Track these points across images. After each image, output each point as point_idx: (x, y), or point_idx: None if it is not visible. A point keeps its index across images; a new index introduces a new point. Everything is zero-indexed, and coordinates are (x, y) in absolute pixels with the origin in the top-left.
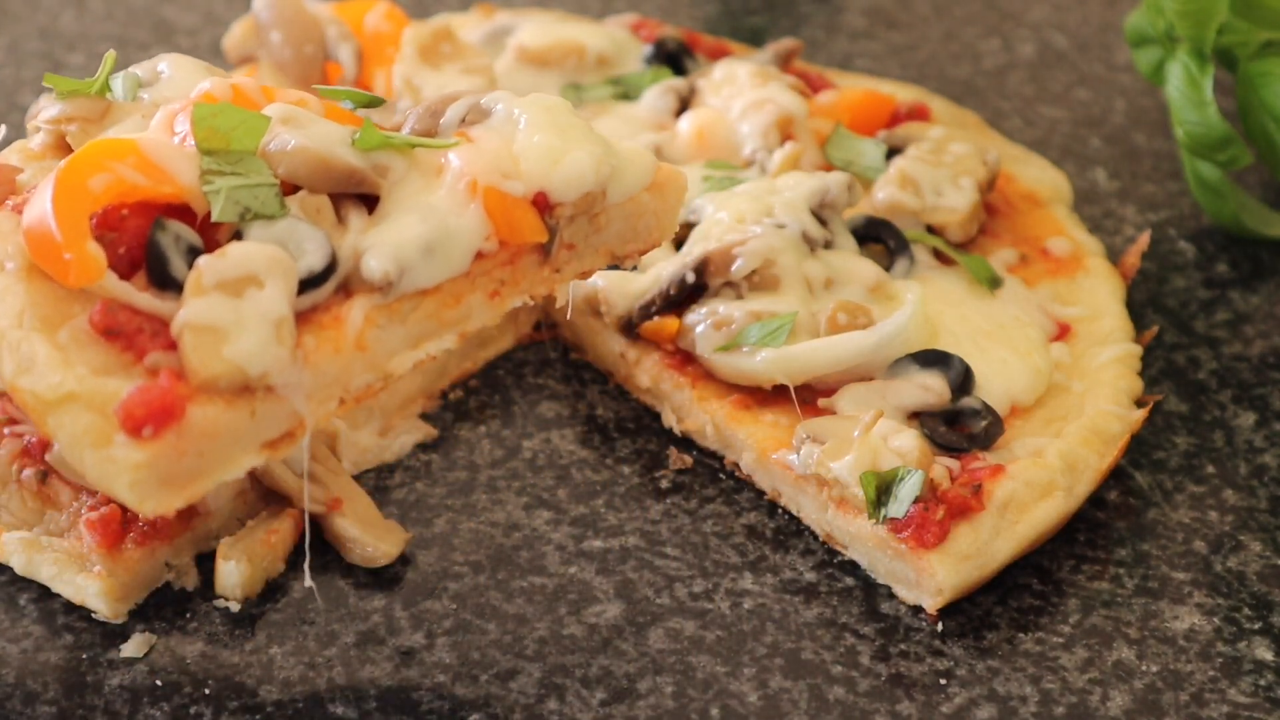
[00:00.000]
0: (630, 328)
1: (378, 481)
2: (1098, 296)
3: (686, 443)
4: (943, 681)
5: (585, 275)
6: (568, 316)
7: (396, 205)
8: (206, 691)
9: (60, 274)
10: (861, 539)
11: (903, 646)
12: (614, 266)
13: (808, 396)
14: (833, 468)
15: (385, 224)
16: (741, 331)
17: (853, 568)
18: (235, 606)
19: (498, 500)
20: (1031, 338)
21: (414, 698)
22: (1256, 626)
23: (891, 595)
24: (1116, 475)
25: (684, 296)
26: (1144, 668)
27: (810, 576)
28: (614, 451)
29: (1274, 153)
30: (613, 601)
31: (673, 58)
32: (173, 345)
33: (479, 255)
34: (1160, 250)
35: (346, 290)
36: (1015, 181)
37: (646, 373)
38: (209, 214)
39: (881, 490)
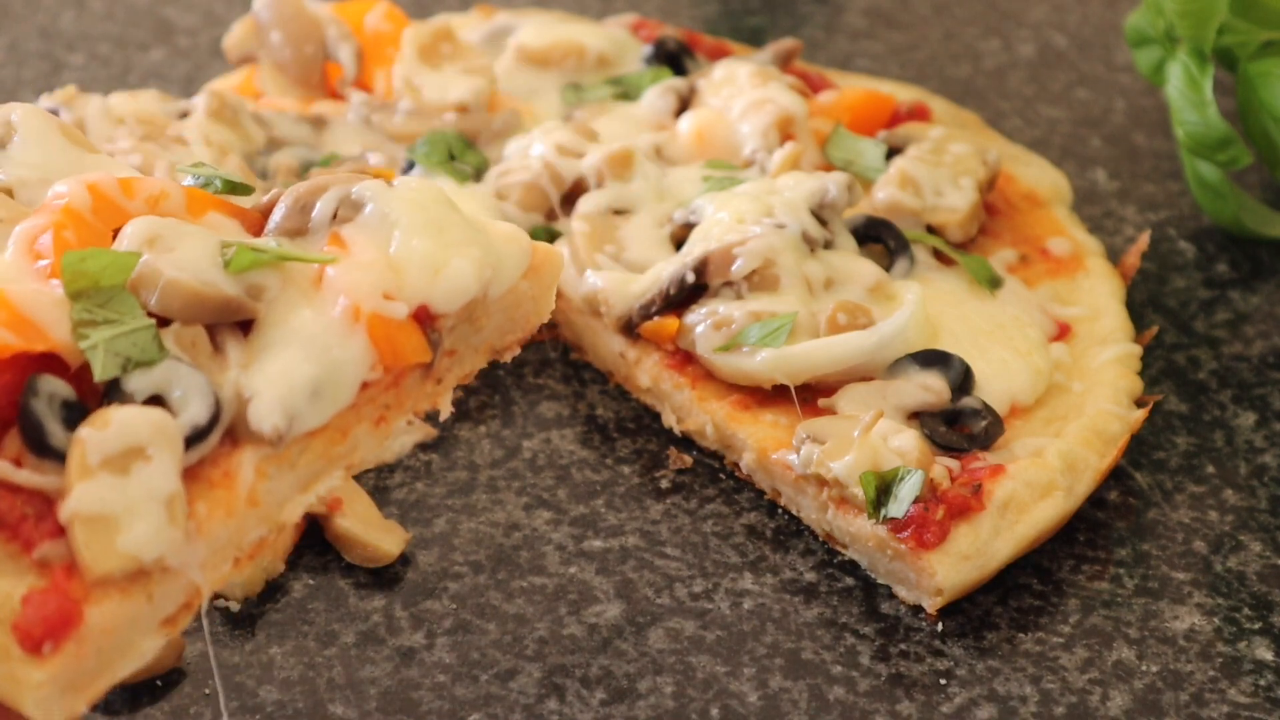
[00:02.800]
0: (630, 328)
1: (378, 481)
2: (1098, 296)
3: (686, 443)
4: (943, 681)
5: (466, 379)
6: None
7: (275, 329)
8: (206, 692)
9: None
10: (861, 539)
11: (903, 646)
12: (494, 362)
13: (808, 396)
14: (833, 468)
15: (267, 358)
16: (741, 331)
17: (853, 568)
18: (235, 606)
19: (498, 500)
20: (1031, 338)
21: (414, 698)
22: (1256, 626)
23: (891, 595)
24: (1116, 475)
25: (684, 296)
26: (1144, 668)
27: (810, 576)
28: (614, 451)
29: (1274, 153)
30: (613, 601)
31: (673, 58)
32: (60, 531)
33: (364, 385)
34: (1160, 250)
35: (233, 438)
36: (1015, 181)
37: (646, 373)
38: (84, 363)
39: (881, 490)
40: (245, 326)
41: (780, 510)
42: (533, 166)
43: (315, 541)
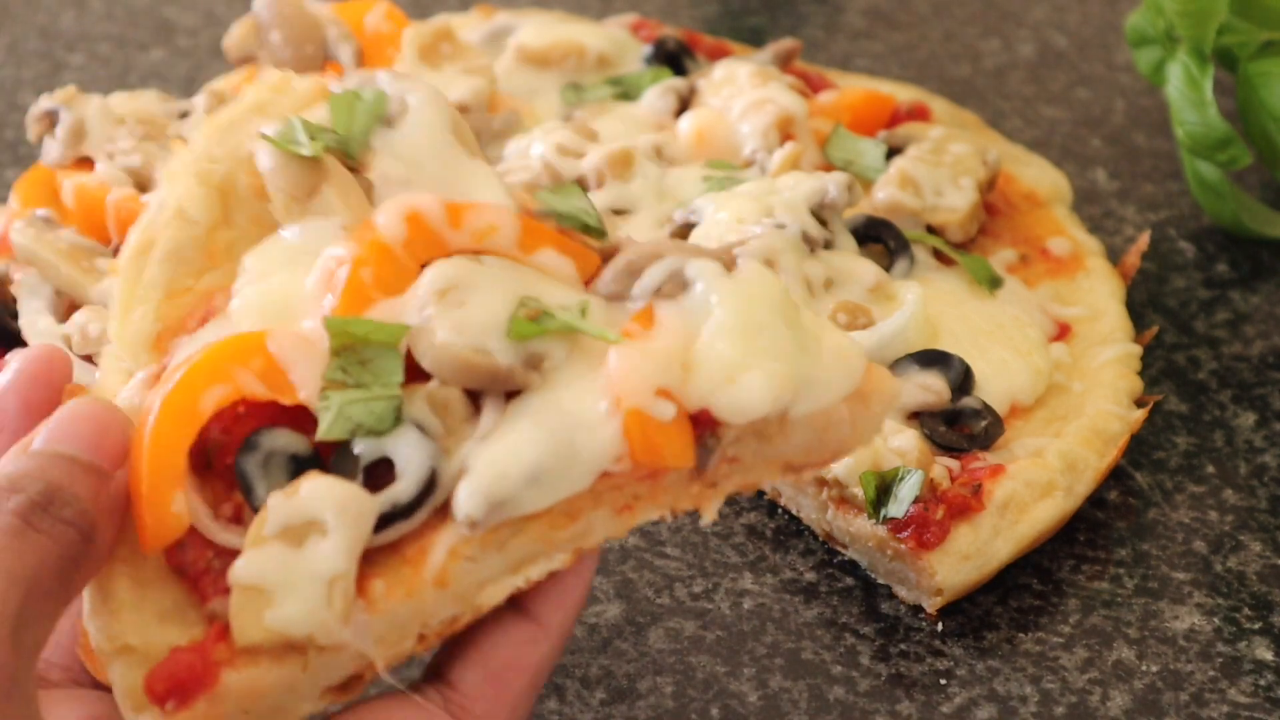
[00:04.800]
0: None
1: None
2: (1098, 296)
3: None
4: (943, 681)
5: (749, 489)
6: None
7: (538, 401)
8: None
9: (136, 528)
10: (861, 539)
11: (903, 646)
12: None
13: None
14: (833, 468)
15: (507, 430)
16: None
17: (853, 568)
18: None
19: None
20: (1031, 338)
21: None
22: (1256, 626)
23: (891, 595)
24: (1116, 475)
25: None
26: (1144, 668)
27: (810, 576)
28: None
29: (1274, 153)
30: (613, 601)
31: (673, 58)
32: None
33: (605, 474)
34: (1160, 250)
35: (444, 513)
36: (1015, 181)
37: None
38: None
39: (881, 490)
40: (517, 392)
41: (780, 510)
42: (533, 166)
43: None
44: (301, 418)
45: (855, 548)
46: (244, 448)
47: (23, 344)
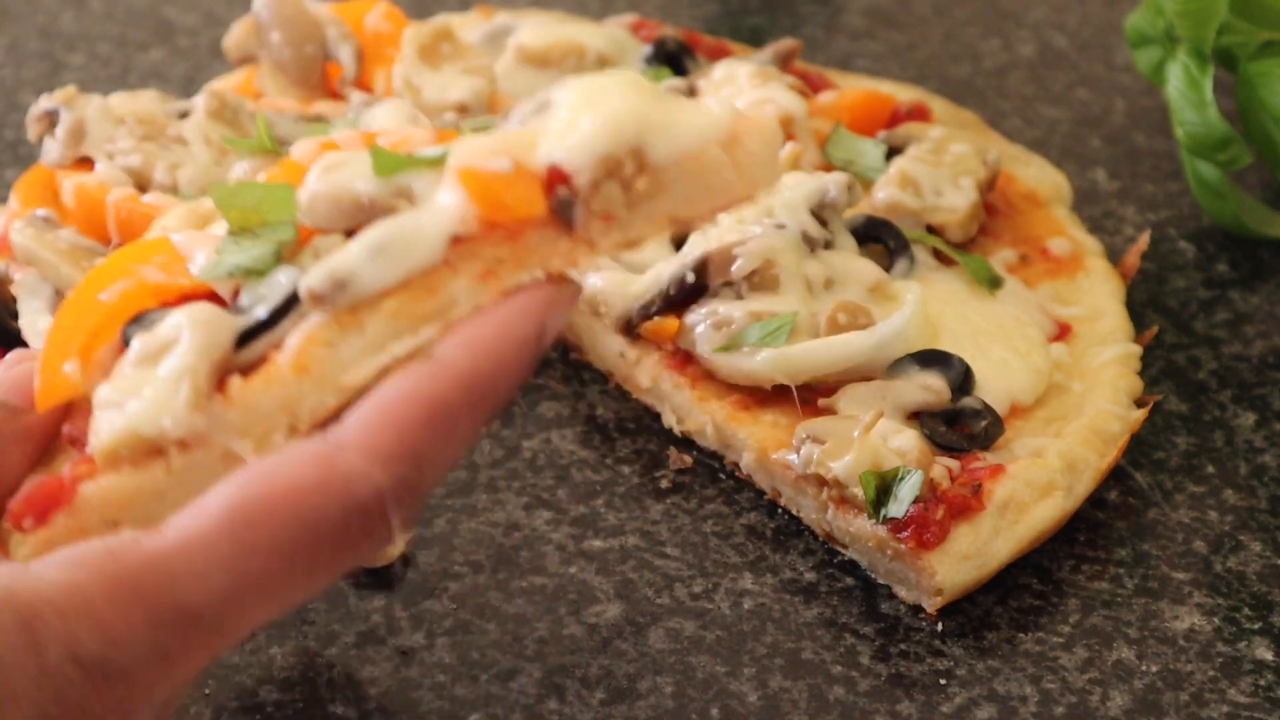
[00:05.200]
0: (630, 328)
1: None
2: (1098, 296)
3: (686, 443)
4: (943, 681)
5: (634, 244)
6: None
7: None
8: (206, 692)
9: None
10: (861, 539)
11: (903, 646)
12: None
13: (807, 396)
14: (833, 468)
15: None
16: (741, 332)
17: (853, 568)
18: None
19: (498, 500)
20: (1031, 338)
21: (414, 697)
22: (1256, 626)
23: (891, 595)
24: (1116, 475)
25: (684, 297)
26: (1144, 668)
27: (810, 576)
28: (614, 451)
29: (1274, 153)
30: (613, 601)
31: (673, 58)
32: None
33: (458, 240)
34: (1160, 250)
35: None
36: (1015, 181)
37: (646, 373)
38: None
39: (881, 490)
40: None
41: (780, 510)
42: None
43: None
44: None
45: (855, 548)
46: (132, 320)
47: (23, 344)
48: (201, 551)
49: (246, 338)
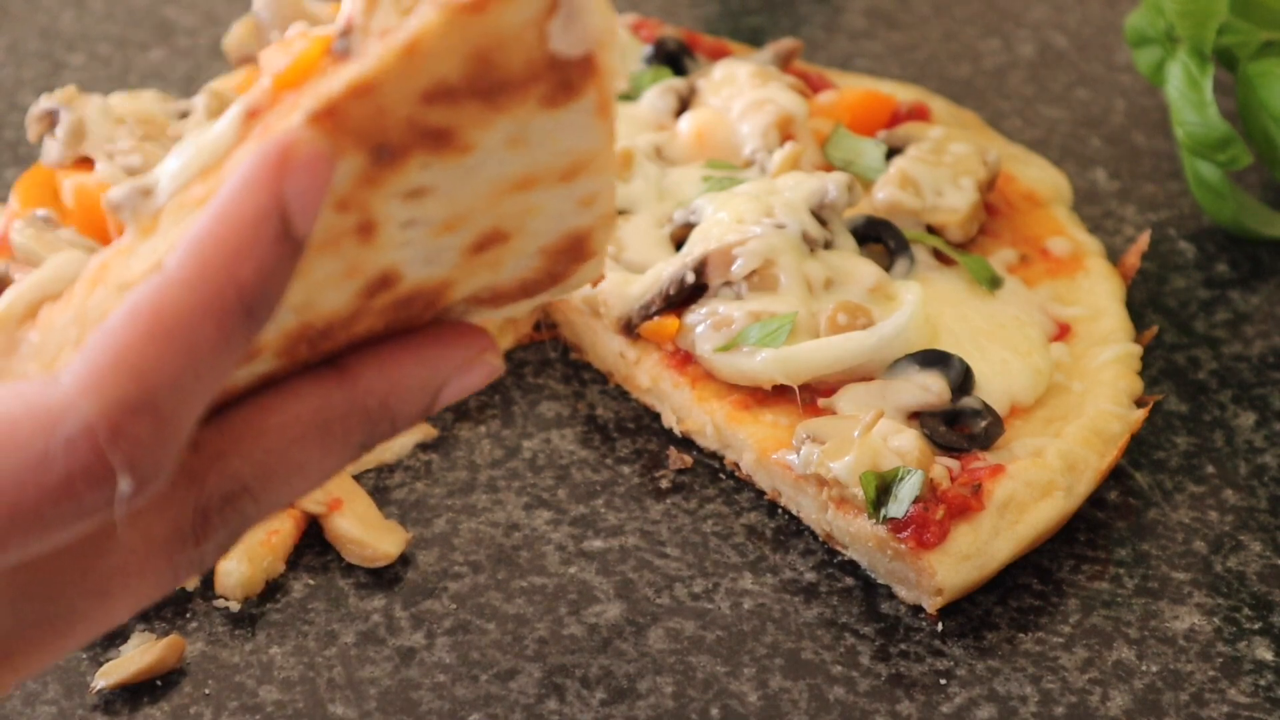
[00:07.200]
0: (630, 328)
1: (378, 481)
2: (1098, 296)
3: (686, 443)
4: (943, 681)
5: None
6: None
7: None
8: (206, 692)
9: None
10: (861, 539)
11: (903, 646)
12: None
13: (807, 396)
14: (833, 468)
15: None
16: (741, 332)
17: (853, 568)
18: (235, 606)
19: (498, 500)
20: (1031, 338)
21: (414, 697)
22: (1256, 626)
23: (891, 595)
24: (1116, 475)
25: (684, 297)
26: (1144, 668)
27: (810, 576)
28: (614, 451)
29: (1274, 153)
30: (613, 601)
31: (673, 58)
32: None
33: (252, 114)
34: (1160, 250)
35: None
36: (1015, 181)
37: (646, 373)
38: None
39: (881, 490)
40: None
41: (780, 510)
42: None
43: (315, 541)
44: None
45: (855, 548)
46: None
47: None
48: None
49: None
